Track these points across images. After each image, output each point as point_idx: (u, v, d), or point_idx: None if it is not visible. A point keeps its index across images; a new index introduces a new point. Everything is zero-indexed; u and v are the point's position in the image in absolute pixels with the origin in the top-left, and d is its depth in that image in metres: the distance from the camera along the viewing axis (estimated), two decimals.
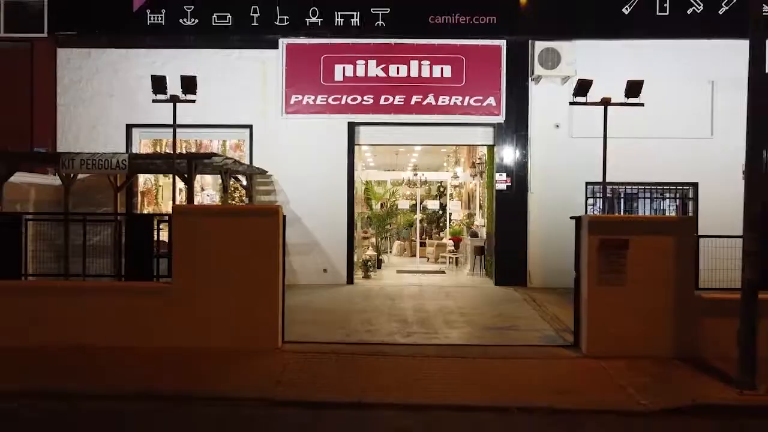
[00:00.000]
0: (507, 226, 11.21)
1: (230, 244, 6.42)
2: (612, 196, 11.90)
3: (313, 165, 11.21)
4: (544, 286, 11.03)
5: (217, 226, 6.45)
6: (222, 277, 6.42)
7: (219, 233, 6.43)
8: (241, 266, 6.41)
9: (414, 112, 11.14)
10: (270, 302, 6.52)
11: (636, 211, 12.03)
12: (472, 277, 12.51)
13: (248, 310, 6.44)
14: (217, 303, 6.42)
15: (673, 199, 12.35)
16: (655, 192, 11.67)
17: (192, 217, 6.51)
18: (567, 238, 11.27)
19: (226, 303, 6.42)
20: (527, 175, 11.18)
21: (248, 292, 6.43)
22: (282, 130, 11.22)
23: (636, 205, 12.49)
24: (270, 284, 6.51)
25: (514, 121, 11.16)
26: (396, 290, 10.66)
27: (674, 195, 11.98)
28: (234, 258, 6.40)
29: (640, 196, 11.80)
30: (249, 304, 6.44)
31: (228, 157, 8.12)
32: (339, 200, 11.26)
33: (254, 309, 6.45)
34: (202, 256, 6.41)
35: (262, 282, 6.47)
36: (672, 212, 12.25)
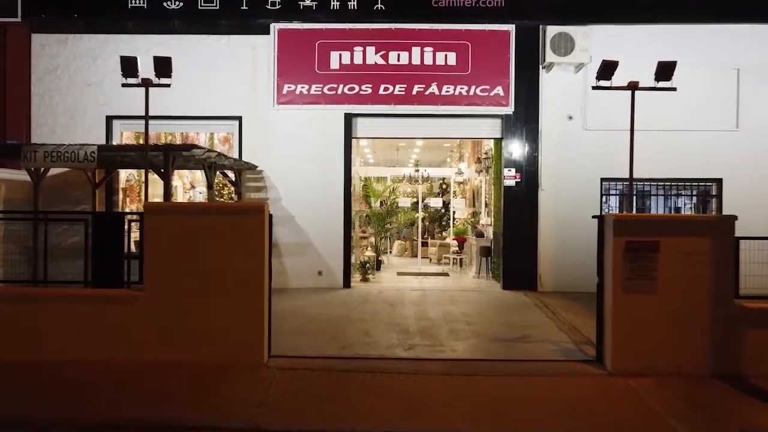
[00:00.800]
0: (516, 226, 10.56)
1: (209, 246, 5.77)
2: (627, 193, 11.26)
3: (307, 160, 10.57)
4: (555, 290, 10.38)
5: (195, 225, 5.80)
6: (200, 283, 5.77)
7: (196, 234, 5.78)
8: (221, 271, 5.76)
9: (416, 102, 10.47)
10: (254, 311, 5.88)
11: (648, 209, 11.37)
12: (477, 280, 11.86)
13: (229, 320, 5.80)
14: (194, 312, 5.77)
15: (690, 196, 11.71)
16: (674, 189, 11.00)
17: (166, 216, 5.85)
18: (581, 238, 10.69)
19: (205, 312, 5.78)
20: (537, 171, 10.51)
21: (230, 300, 5.79)
22: (273, 122, 10.57)
23: (648, 202, 11.86)
24: (254, 291, 5.86)
25: (524, 113, 10.50)
26: (396, 295, 10.01)
27: (694, 192, 11.33)
28: (213, 262, 5.76)
29: (653, 193, 11.14)
30: (230, 314, 5.80)
31: (211, 150, 7.46)
32: (335, 197, 10.61)
33: (236, 319, 5.81)
34: (177, 259, 5.76)
35: (245, 288, 5.83)
36: (689, 211, 11.60)
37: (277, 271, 10.56)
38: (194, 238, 5.79)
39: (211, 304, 5.78)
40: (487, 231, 12.47)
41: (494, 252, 11.83)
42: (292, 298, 9.51)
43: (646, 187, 11.01)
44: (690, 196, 11.70)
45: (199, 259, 5.78)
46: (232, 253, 5.78)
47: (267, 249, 5.96)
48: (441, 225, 18.02)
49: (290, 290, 10.26)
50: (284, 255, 10.57)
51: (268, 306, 6.07)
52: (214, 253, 5.78)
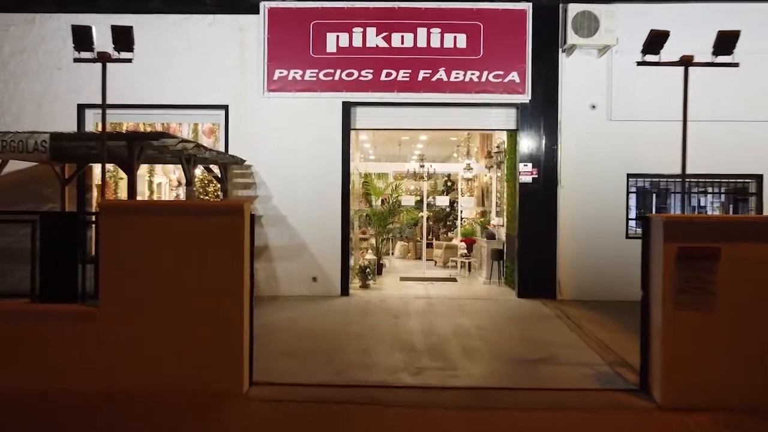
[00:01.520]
0: (532, 227, 9.66)
1: (179, 253, 4.89)
2: (656, 191, 10.37)
3: (301, 153, 9.68)
4: (576, 298, 9.49)
5: (162, 228, 4.92)
6: (167, 296, 4.89)
7: (163, 238, 4.89)
8: (193, 282, 4.88)
9: (421, 89, 9.58)
10: (233, 330, 5.00)
11: (668, 209, 10.46)
12: (488, 287, 10.97)
13: (203, 341, 4.92)
14: (160, 332, 4.89)
15: (719, 194, 10.82)
16: (699, 186, 10.08)
17: (126, 217, 4.97)
18: (605, 241, 9.79)
19: (172, 332, 4.90)
20: (557, 166, 9.62)
21: (203, 317, 4.90)
22: (263, 112, 9.68)
23: (669, 201, 10.97)
24: (233, 305, 4.97)
25: (542, 101, 9.60)
26: (400, 304, 9.12)
27: (722, 189, 10.44)
28: (184, 271, 4.88)
29: (673, 191, 10.22)
30: (204, 334, 4.91)
31: (187, 140, 6.58)
32: (332, 195, 9.72)
33: (211, 340, 4.93)
34: (140, 268, 4.88)
35: (222, 303, 4.94)
36: (716, 211, 10.71)
37: (267, 277, 9.75)
38: (161, 243, 4.90)
39: (181, 321, 4.90)
40: (498, 232, 11.58)
41: (507, 255, 10.94)
42: (283, 309, 8.63)
43: (667, 184, 10.10)
44: (718, 194, 10.82)
45: (166, 269, 4.90)
46: (206, 260, 4.89)
47: (248, 256, 5.08)
48: (446, 225, 17.14)
49: (282, 299, 9.38)
50: (275, 259, 9.69)
51: (249, 323, 5.18)
52: (185, 260, 4.90)
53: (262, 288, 9.64)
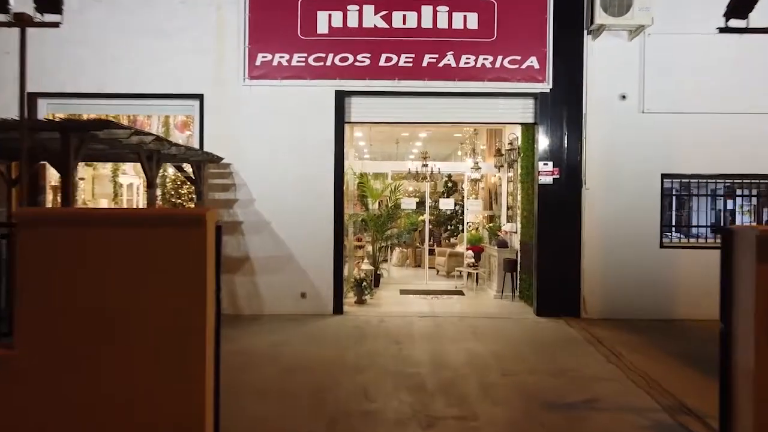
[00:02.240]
0: (553, 234, 8.62)
1: (122, 276, 3.77)
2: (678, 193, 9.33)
3: (288, 150, 8.60)
4: (604, 316, 8.46)
5: (100, 244, 3.80)
6: (105, 333, 3.78)
7: (102, 257, 3.77)
8: (138, 314, 3.76)
9: (426, 77, 8.52)
10: (190, 374, 3.87)
11: (689, 213, 9.44)
12: (500, 302, 9.92)
13: (151, 389, 3.81)
14: (95, 379, 3.78)
15: (749, 197, 9.81)
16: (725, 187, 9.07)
17: (51, 230, 3.85)
18: (637, 250, 8.72)
19: (111, 379, 3.78)
20: (581, 165, 8.58)
21: (151, 361, 3.78)
22: (244, 102, 8.59)
23: (691, 204, 9.95)
24: (190, 345, 3.84)
25: (564, 91, 8.56)
26: (402, 324, 8.04)
27: (753, 191, 9.43)
28: (128, 299, 3.76)
29: (695, 194, 9.17)
30: (152, 380, 3.80)
31: (141, 131, 5.47)
32: (323, 198, 8.64)
33: (162, 388, 3.82)
34: (71, 297, 3.76)
35: (176, 341, 3.82)
36: (746, 216, 9.71)
37: (248, 293, 8.65)
38: (99, 263, 3.78)
39: (123, 365, 3.79)
40: (510, 240, 10.53)
41: (522, 266, 9.89)
42: (265, 331, 7.55)
43: (707, 185, 9.07)
44: (749, 196, 9.82)
45: (105, 297, 3.78)
46: (156, 285, 3.78)
47: (212, 278, 3.96)
48: (449, 229, 16.11)
49: (265, 318, 8.29)
50: (258, 272, 8.59)
51: (213, 363, 4.07)
52: (130, 286, 3.78)
53: (242, 306, 8.55)
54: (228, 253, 8.57)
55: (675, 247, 8.56)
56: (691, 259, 8.45)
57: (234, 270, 8.59)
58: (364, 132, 14.15)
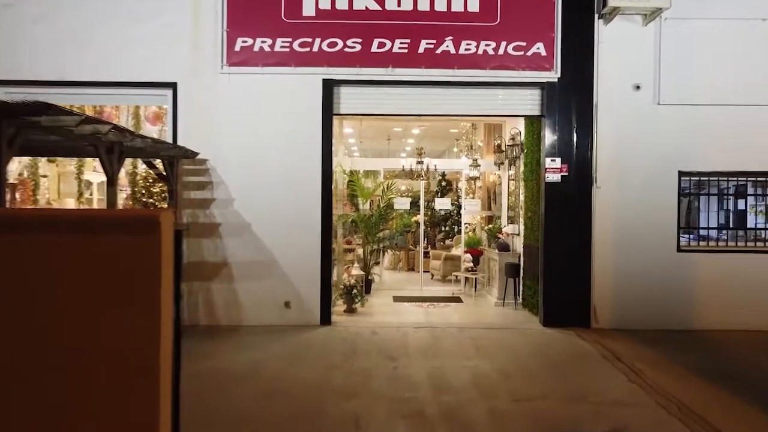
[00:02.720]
0: (561, 237, 7.97)
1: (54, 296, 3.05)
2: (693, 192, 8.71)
3: (270, 145, 7.90)
4: (617, 326, 7.83)
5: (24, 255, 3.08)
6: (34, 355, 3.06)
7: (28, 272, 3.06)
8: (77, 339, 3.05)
9: (423, 64, 7.85)
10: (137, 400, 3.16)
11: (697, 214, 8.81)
12: (502, 310, 9.26)
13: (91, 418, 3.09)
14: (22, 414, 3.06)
15: (763, 196, 9.22)
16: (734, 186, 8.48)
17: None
18: (652, 254, 8.05)
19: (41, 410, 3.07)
20: (592, 162, 7.94)
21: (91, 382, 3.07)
22: (222, 92, 7.88)
23: (698, 204, 9.35)
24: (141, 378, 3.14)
25: (574, 80, 7.91)
26: (397, 337, 7.35)
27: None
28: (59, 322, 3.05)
29: (703, 192, 8.55)
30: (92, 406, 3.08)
31: (94, 119, 4.74)
32: (309, 198, 7.94)
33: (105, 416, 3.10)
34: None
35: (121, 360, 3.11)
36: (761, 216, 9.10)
37: (226, 302, 7.93)
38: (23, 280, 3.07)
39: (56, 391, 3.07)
40: (512, 242, 9.88)
41: (525, 271, 9.24)
42: (244, 346, 6.83)
43: (728, 184, 8.47)
44: (762, 195, 9.22)
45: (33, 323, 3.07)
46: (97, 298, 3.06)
47: (167, 289, 3.25)
48: (443, 230, 15.45)
49: (244, 330, 7.57)
50: (237, 279, 7.87)
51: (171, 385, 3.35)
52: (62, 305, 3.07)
53: (219, 316, 7.84)
54: (204, 257, 7.85)
55: (694, 251, 7.94)
56: (711, 264, 7.85)
57: (211, 276, 7.86)
58: (354, 128, 13.46)
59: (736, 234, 8.39)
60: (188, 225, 7.70)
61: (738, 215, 9.08)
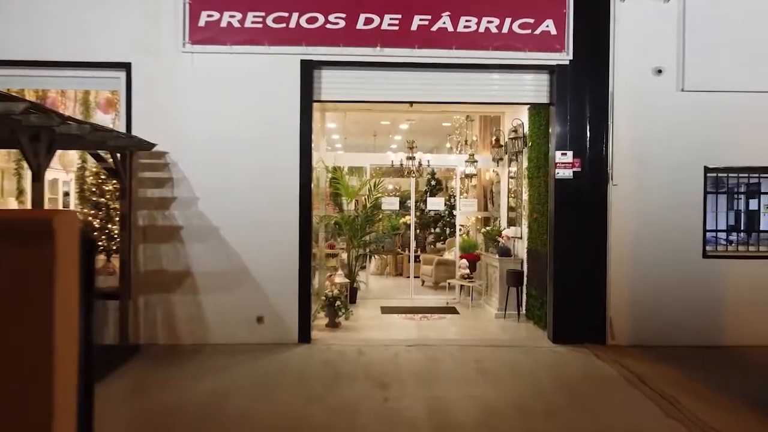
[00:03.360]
0: (572, 241, 7.10)
1: None
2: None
3: (241, 136, 6.93)
4: (636, 343, 6.99)
5: None
6: None
7: None
8: None
9: (416, 44, 6.93)
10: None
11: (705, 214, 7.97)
12: (504, 323, 8.36)
13: None
14: None
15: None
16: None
17: None
18: (675, 261, 7.19)
19: None
20: (607, 156, 7.08)
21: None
22: (185, 75, 6.89)
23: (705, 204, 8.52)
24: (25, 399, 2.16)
25: (587, 63, 7.05)
26: (386, 358, 6.41)
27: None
28: None
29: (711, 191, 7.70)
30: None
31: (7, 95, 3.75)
32: (286, 197, 6.98)
33: None
34: None
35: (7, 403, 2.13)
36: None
37: (189, 317, 6.91)
38: None
39: None
40: (514, 247, 9.00)
41: (530, 279, 8.37)
42: (206, 370, 5.84)
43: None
44: None
45: None
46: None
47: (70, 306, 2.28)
48: (433, 232, 14.56)
49: (210, 350, 6.59)
50: (202, 290, 6.88)
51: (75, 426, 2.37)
52: None
53: (181, 333, 6.85)
54: (163, 265, 6.85)
55: (722, 256, 7.12)
56: (741, 271, 7.04)
57: (171, 287, 6.86)
58: (337, 122, 12.50)
59: (758, 238, 7.59)
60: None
61: (749, 216, 8.31)
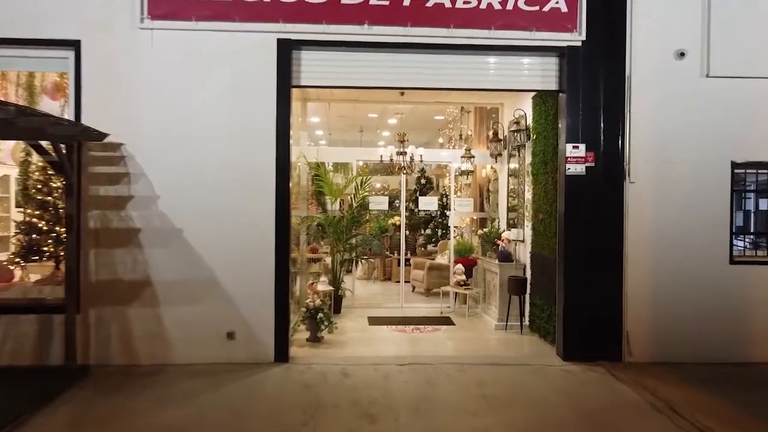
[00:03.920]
0: (584, 244, 6.36)
1: None
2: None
3: (208, 126, 6.12)
4: (656, 359, 6.29)
5: None
6: None
7: None
8: None
9: (408, 21, 6.16)
10: None
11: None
12: (506, 336, 7.62)
13: None
14: None
15: None
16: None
17: None
18: (699, 267, 6.32)
19: None
20: (624, 150, 6.35)
21: None
22: (143, 54, 6.06)
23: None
24: None
25: (602, 45, 6.33)
26: (375, 380, 5.63)
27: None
28: None
29: None
30: None
31: None
32: (261, 195, 6.18)
33: None
34: None
35: None
36: None
37: (147, 333, 6.04)
38: None
39: None
40: (516, 251, 8.26)
41: (534, 287, 7.64)
42: (166, 400, 5.01)
43: None
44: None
45: None
46: None
47: None
48: (423, 234, 13.82)
49: (173, 371, 5.76)
50: (163, 302, 6.05)
51: None
52: None
53: (139, 352, 6.02)
54: (118, 274, 6.02)
55: (751, 262, 6.43)
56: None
57: (128, 299, 6.03)
58: (319, 113, 11.71)
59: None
60: None
61: (760, 217, 7.66)
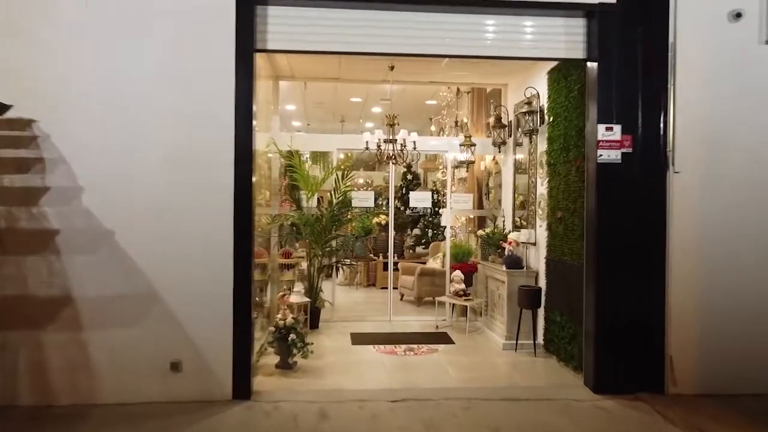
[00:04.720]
0: (618, 248, 5.22)
1: None
2: None
3: (148, 100, 4.88)
4: (707, 391, 5.18)
5: None
6: None
7: None
8: None
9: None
10: None
11: None
12: (517, 358, 6.46)
13: None
14: None
15: None
16: None
17: None
18: (759, 275, 5.30)
19: None
20: (666, 133, 5.22)
21: None
22: (65, 9, 4.80)
23: None
24: None
25: (640, 4, 5.19)
26: (360, 425, 4.42)
27: None
28: None
29: None
30: None
31: None
32: (215, 187, 4.95)
33: None
34: None
35: None
36: None
37: (67, 365, 4.72)
38: None
39: None
40: (526, 256, 7.11)
41: (550, 299, 6.50)
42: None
43: None
44: None
45: None
46: None
47: None
48: (411, 234, 12.69)
49: (100, 414, 4.52)
50: (89, 325, 4.80)
51: None
52: None
53: (56, 389, 4.76)
54: (28, 289, 4.75)
55: None
56: None
57: (41, 322, 4.76)
58: (296, 100, 10.50)
59: None
60: None
61: None
